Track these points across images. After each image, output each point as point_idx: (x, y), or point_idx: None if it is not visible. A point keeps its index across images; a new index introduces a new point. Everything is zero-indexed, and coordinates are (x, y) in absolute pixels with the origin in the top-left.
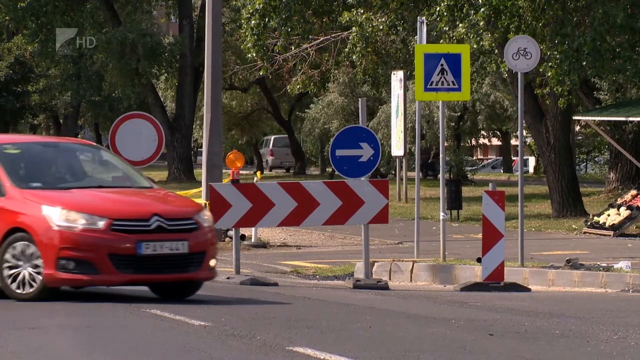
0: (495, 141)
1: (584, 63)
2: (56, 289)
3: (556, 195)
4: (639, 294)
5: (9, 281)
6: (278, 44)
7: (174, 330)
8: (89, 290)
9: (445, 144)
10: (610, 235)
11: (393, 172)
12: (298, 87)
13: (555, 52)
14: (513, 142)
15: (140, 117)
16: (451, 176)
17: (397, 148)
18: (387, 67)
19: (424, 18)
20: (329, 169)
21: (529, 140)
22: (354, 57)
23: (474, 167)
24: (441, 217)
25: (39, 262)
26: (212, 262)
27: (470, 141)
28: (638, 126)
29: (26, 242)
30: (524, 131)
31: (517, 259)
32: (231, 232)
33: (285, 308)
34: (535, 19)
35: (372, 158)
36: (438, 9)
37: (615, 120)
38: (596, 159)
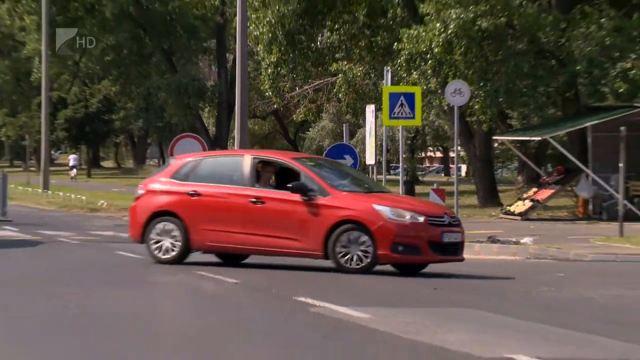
0: (439, 154)
1: (500, 99)
2: (374, 265)
3: (481, 192)
4: (538, 260)
5: (343, 260)
6: (287, 86)
7: (214, 286)
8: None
9: (404, 156)
10: (518, 220)
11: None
12: (301, 116)
13: (481, 92)
14: (451, 154)
15: (190, 137)
16: (407, 178)
17: (370, 159)
18: (363, 102)
19: (389, 67)
20: None
21: (462, 153)
22: (340, 95)
23: (423, 172)
24: None
25: (369, 245)
26: None
27: (421, 153)
28: (538, 143)
29: (357, 231)
30: (458, 147)
31: None
32: None
33: (296, 267)
34: (467, 68)
35: (352, 165)
36: (399, 61)
37: (521, 139)
38: (509, 166)
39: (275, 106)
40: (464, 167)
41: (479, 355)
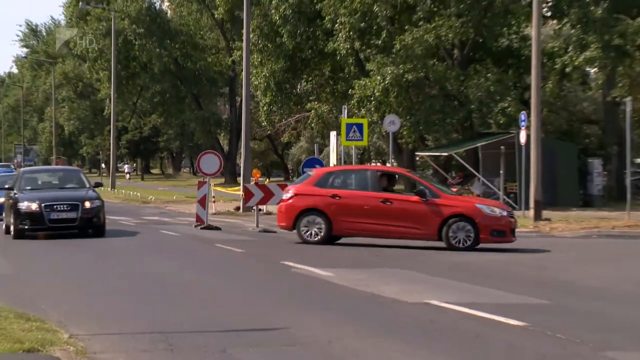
0: (379, 164)
1: (421, 128)
2: (475, 245)
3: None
4: None
5: (452, 241)
6: (277, 118)
7: (227, 254)
8: (187, 234)
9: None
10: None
11: None
12: (286, 139)
13: (407, 123)
14: (387, 165)
15: (211, 153)
16: None
17: None
18: (328, 129)
19: (346, 106)
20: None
21: (395, 164)
22: (312, 124)
23: None
24: None
25: (472, 231)
26: None
27: (367, 164)
28: (446, 157)
29: (464, 222)
30: (393, 159)
31: None
32: (254, 207)
33: (284, 242)
34: (398, 106)
35: None
36: (352, 102)
37: (435, 154)
38: (426, 172)
39: (268, 132)
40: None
41: (405, 300)
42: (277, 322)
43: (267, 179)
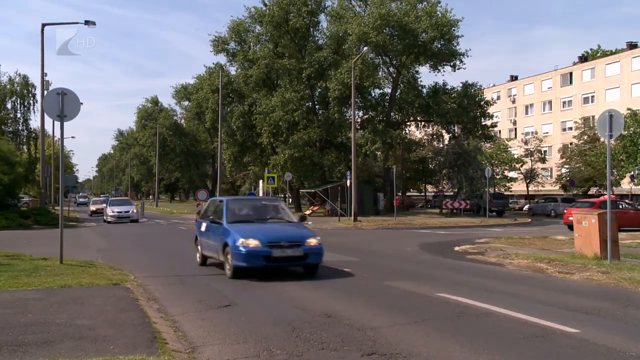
0: (281, 195)
1: (301, 178)
2: None
3: (294, 208)
4: (314, 229)
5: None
6: (234, 174)
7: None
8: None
9: (272, 196)
10: (307, 215)
11: None
12: (238, 183)
13: (295, 176)
14: (287, 195)
15: (203, 190)
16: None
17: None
18: (258, 179)
19: (266, 168)
20: None
21: (289, 195)
22: (251, 177)
23: None
24: None
25: None
26: None
27: (278, 195)
28: (313, 192)
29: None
30: (289, 194)
31: None
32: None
33: None
34: (291, 168)
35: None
36: (270, 166)
37: (308, 191)
38: (304, 199)
39: (230, 180)
40: (291, 199)
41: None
42: None
43: None
